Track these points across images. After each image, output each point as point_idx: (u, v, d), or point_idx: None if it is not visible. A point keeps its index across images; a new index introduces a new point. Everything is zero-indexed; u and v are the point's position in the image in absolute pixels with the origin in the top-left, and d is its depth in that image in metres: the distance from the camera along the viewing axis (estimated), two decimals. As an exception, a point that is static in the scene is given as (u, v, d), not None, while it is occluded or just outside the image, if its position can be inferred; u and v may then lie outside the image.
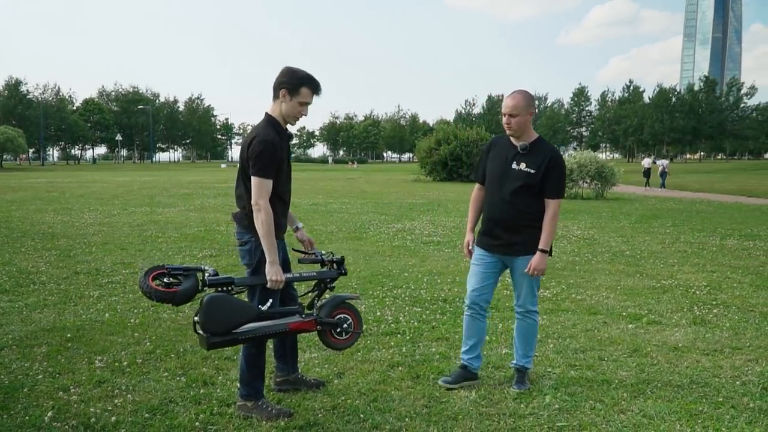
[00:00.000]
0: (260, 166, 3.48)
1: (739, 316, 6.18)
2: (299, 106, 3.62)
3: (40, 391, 4.02)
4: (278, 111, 3.64)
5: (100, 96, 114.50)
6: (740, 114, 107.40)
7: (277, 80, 3.61)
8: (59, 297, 6.56)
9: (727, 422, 3.69)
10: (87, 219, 14.04)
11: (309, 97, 3.64)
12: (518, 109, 4.00)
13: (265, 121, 3.64)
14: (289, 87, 3.57)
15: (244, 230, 3.69)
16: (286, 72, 3.61)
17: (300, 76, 3.59)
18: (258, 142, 3.50)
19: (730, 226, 14.06)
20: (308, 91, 3.61)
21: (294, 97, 3.59)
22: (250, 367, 3.69)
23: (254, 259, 3.65)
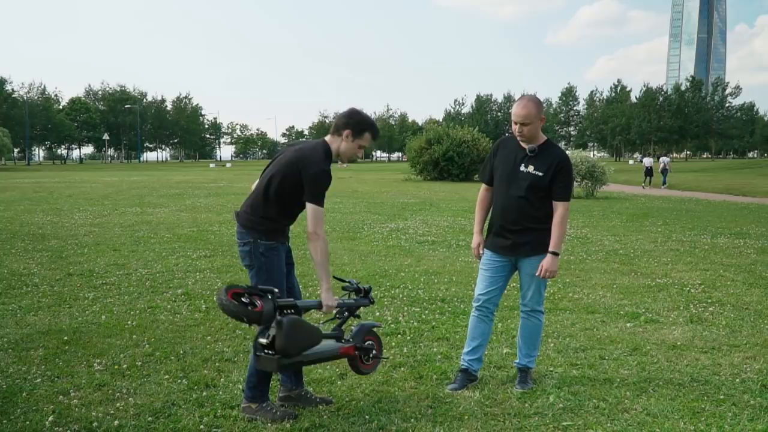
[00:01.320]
0: (317, 195, 3.59)
1: (735, 314, 6.23)
2: (358, 148, 3.77)
3: (40, 395, 3.97)
4: (336, 146, 3.75)
5: (87, 95, 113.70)
6: (725, 113, 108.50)
7: (343, 119, 3.74)
8: (53, 299, 6.50)
9: (730, 419, 3.71)
10: (77, 219, 13.93)
11: (369, 142, 3.81)
12: (530, 117, 4.01)
13: (323, 149, 3.71)
14: (354, 129, 3.71)
15: (246, 232, 3.70)
16: (353, 114, 3.77)
17: (367, 122, 3.77)
18: (319, 172, 3.59)
19: (720, 225, 14.17)
20: (370, 136, 3.77)
21: (356, 139, 3.73)
22: (259, 371, 3.67)
23: (254, 260, 3.68)
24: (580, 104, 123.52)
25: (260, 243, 3.67)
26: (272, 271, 3.69)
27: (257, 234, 3.67)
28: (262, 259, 3.68)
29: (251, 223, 3.68)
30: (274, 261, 3.71)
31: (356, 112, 3.79)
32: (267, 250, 3.68)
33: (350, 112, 3.78)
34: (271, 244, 3.69)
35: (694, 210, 18.24)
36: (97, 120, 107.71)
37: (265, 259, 3.68)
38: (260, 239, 3.66)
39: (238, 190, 25.73)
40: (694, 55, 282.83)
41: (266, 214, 3.68)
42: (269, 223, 3.68)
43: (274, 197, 3.66)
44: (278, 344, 3.40)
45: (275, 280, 3.67)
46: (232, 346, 5.01)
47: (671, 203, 20.83)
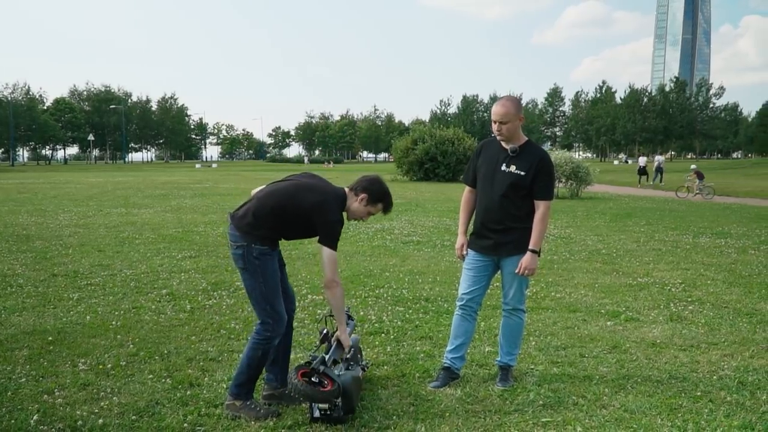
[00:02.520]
0: (333, 240, 3.71)
1: (714, 312, 6.33)
2: (367, 213, 3.93)
3: (24, 395, 3.98)
4: (350, 202, 3.88)
5: (72, 95, 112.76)
6: (709, 114, 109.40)
7: (363, 183, 3.89)
8: (38, 300, 6.49)
9: (706, 416, 3.79)
10: (62, 220, 13.86)
11: (379, 212, 3.97)
12: (508, 116, 4.07)
13: (341, 199, 3.85)
14: (372, 197, 3.88)
15: (240, 235, 3.74)
16: (375, 183, 3.92)
17: (384, 194, 3.93)
18: (339, 221, 3.75)
19: (702, 225, 14.34)
20: (382, 207, 3.95)
21: (369, 205, 3.89)
22: (251, 369, 3.74)
23: (248, 263, 3.72)
24: (565, 105, 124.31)
25: (254, 247, 3.70)
26: (267, 274, 3.74)
27: (251, 238, 3.71)
28: (256, 263, 3.72)
29: (247, 228, 3.72)
30: (269, 264, 3.76)
31: (378, 182, 3.92)
32: (261, 254, 3.72)
33: (373, 179, 3.92)
34: (264, 249, 3.73)
35: (677, 210, 18.44)
36: (82, 120, 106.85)
37: (259, 262, 3.72)
38: (254, 244, 3.70)
39: (224, 190, 25.69)
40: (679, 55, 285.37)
41: (266, 225, 3.73)
42: (265, 231, 3.73)
43: (281, 219, 3.74)
44: (347, 408, 3.58)
45: (270, 284, 3.73)
46: (217, 345, 5.04)
47: (655, 203, 21.03)
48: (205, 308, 6.22)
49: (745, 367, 4.69)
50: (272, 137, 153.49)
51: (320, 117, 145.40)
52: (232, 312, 6.08)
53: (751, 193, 26.43)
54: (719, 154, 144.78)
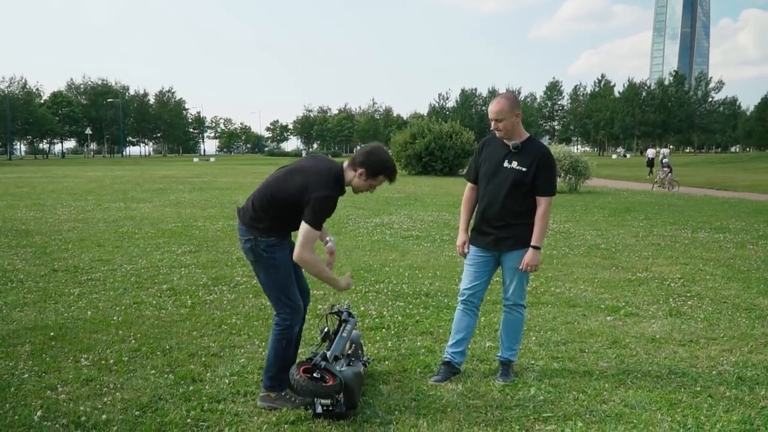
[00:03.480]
0: (315, 217, 3.59)
1: (713, 307, 6.36)
2: (370, 186, 3.80)
3: (28, 390, 4.00)
4: (349, 178, 3.77)
5: (69, 89, 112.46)
6: (708, 108, 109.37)
7: (362, 156, 3.74)
8: (39, 295, 6.50)
9: (706, 411, 3.82)
10: (61, 215, 13.85)
11: (381, 183, 3.82)
12: (503, 113, 4.09)
13: (336, 174, 3.72)
14: (370, 170, 3.73)
15: (246, 229, 3.76)
16: (372, 154, 3.75)
17: (384, 166, 3.76)
18: (324, 196, 3.59)
19: (701, 219, 14.37)
20: (384, 178, 3.80)
21: (369, 179, 3.76)
22: (278, 359, 3.78)
23: (257, 256, 3.75)
24: (564, 99, 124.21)
25: (260, 240, 3.71)
26: (278, 266, 3.75)
27: (257, 232, 3.72)
28: (265, 255, 3.73)
29: (251, 221, 3.74)
30: (278, 255, 3.75)
31: (375, 153, 3.75)
32: (268, 246, 3.72)
33: (370, 150, 3.77)
34: (271, 241, 3.73)
35: (676, 204, 18.46)
36: (79, 114, 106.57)
37: (268, 254, 3.73)
38: (260, 237, 3.71)
39: (222, 184, 25.66)
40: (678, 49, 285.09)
41: (268, 216, 3.72)
42: (268, 223, 3.73)
43: (275, 208, 3.70)
44: (349, 403, 3.59)
45: (282, 273, 3.75)
46: (218, 341, 5.06)
47: (653, 198, 21.05)
48: (205, 303, 6.23)
49: (744, 362, 4.72)
50: (270, 131, 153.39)
51: (318, 111, 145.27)
52: (233, 307, 6.10)
53: (750, 188, 26.46)
54: (717, 148, 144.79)
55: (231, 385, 4.12)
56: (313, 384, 3.47)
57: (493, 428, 3.54)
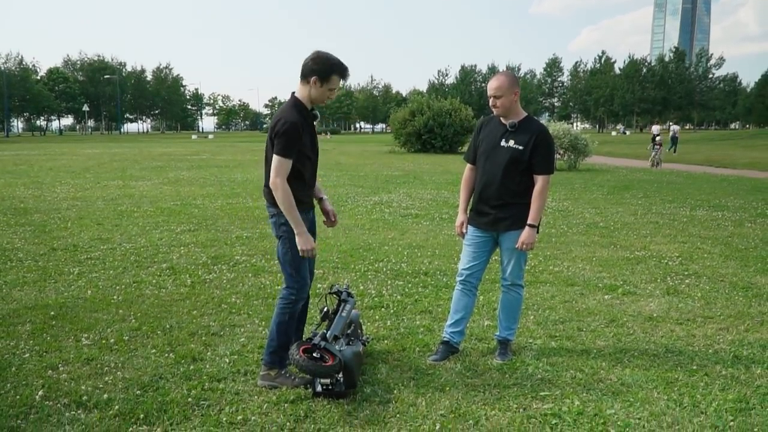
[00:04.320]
0: (281, 146, 3.60)
1: (710, 286, 6.39)
2: (328, 91, 3.72)
3: (29, 370, 4.02)
4: (306, 94, 3.72)
5: (65, 65, 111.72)
6: (708, 85, 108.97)
7: (308, 66, 3.67)
8: (38, 274, 6.51)
9: (702, 389, 3.85)
10: (59, 193, 13.84)
11: (338, 83, 3.73)
12: (502, 90, 4.09)
13: (291, 104, 3.72)
14: (321, 74, 3.65)
15: (270, 205, 3.82)
16: (318, 59, 3.67)
17: (331, 64, 3.67)
18: (282, 123, 3.60)
19: (699, 197, 14.37)
20: (338, 78, 3.71)
21: (324, 84, 3.69)
22: (280, 334, 3.82)
23: (279, 230, 3.80)
24: (564, 75, 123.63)
25: (281, 215, 3.74)
26: (293, 240, 3.74)
27: (276, 208, 3.75)
28: (284, 229, 3.76)
29: (269, 196, 3.78)
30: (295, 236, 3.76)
31: (320, 57, 3.68)
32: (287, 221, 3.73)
33: (314, 56, 3.68)
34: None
35: (675, 182, 18.45)
36: (76, 90, 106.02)
37: (287, 228, 3.74)
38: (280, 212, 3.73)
39: (221, 162, 25.61)
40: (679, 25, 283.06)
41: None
42: None
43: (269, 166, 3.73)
44: (348, 382, 3.62)
45: (295, 256, 3.76)
46: (218, 320, 5.08)
47: (652, 175, 21.04)
48: (205, 282, 6.25)
49: (740, 340, 4.75)
50: (269, 108, 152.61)
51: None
52: (233, 286, 6.12)
53: (749, 165, 26.43)
54: (717, 125, 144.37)
55: (231, 364, 4.15)
56: (313, 363, 3.49)
57: (491, 406, 3.57)
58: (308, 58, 3.70)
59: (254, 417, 3.42)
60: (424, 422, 3.38)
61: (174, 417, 3.40)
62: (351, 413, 3.48)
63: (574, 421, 3.41)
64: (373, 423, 3.37)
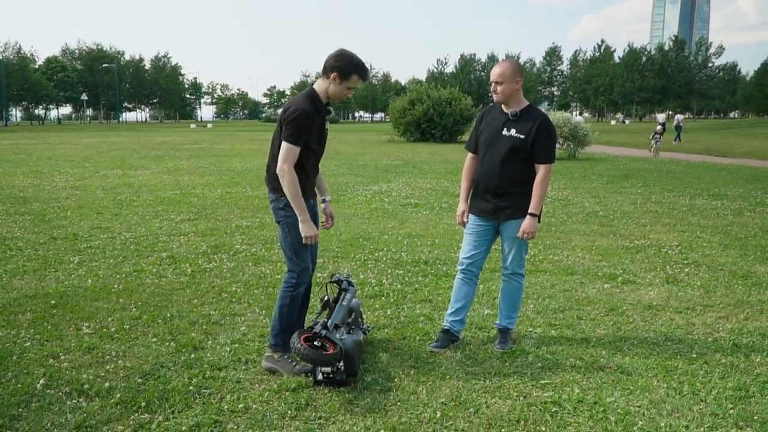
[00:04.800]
0: (290, 133, 3.66)
1: (710, 274, 6.40)
2: (347, 89, 3.78)
3: (30, 359, 4.03)
4: (323, 89, 3.78)
5: (64, 54, 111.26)
6: (708, 73, 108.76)
7: (330, 62, 3.73)
8: (38, 263, 6.51)
9: (701, 377, 3.87)
10: (58, 182, 13.82)
11: (357, 83, 3.79)
12: (504, 76, 4.06)
13: (306, 94, 3.78)
14: (341, 72, 3.71)
15: (271, 191, 3.88)
16: (341, 57, 3.73)
17: (354, 64, 3.73)
18: (293, 111, 3.66)
19: (699, 186, 14.37)
20: (357, 77, 3.76)
21: (344, 81, 3.74)
22: (282, 317, 3.87)
23: (278, 215, 3.88)
24: (563, 64, 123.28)
25: (281, 199, 3.80)
26: (293, 225, 3.80)
27: (278, 192, 3.80)
28: (282, 213, 3.83)
29: (275, 184, 3.81)
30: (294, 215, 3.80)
31: (343, 55, 3.75)
32: (287, 205, 3.79)
33: (338, 53, 3.76)
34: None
35: (674, 171, 18.44)
36: (75, 79, 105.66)
37: (285, 213, 3.81)
38: (282, 196, 3.79)
39: (219, 151, 25.57)
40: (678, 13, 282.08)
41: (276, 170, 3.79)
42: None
43: (276, 152, 3.77)
44: (349, 371, 3.64)
45: (295, 234, 3.80)
46: (219, 309, 5.09)
47: (652, 164, 21.02)
48: (205, 271, 6.26)
49: (739, 329, 4.77)
50: (267, 97, 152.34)
51: (316, 76, 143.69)
52: (233, 275, 6.12)
53: (748, 154, 26.39)
54: (716, 113, 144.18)
55: (232, 352, 4.16)
56: (314, 352, 3.50)
57: (491, 395, 3.58)
58: (332, 54, 3.77)
59: (255, 405, 3.43)
60: (424, 410, 3.39)
61: (175, 405, 3.41)
62: (352, 401, 3.49)
63: (574, 409, 3.42)
64: (374, 411, 3.38)
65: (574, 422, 3.29)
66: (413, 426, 3.23)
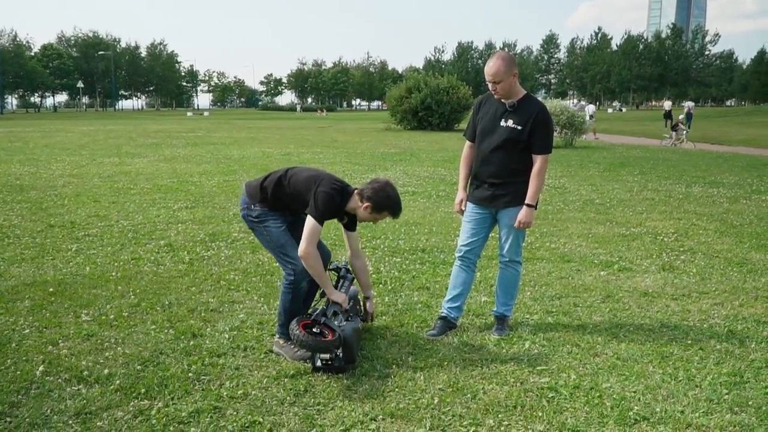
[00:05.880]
0: (317, 210, 3.70)
1: (705, 261, 6.43)
2: (374, 219, 3.91)
3: (29, 346, 4.05)
4: (354, 205, 3.85)
5: (59, 41, 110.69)
6: (704, 61, 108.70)
7: (370, 191, 3.80)
8: (36, 251, 6.52)
9: (696, 363, 3.90)
10: (55, 170, 13.79)
11: (384, 218, 3.92)
12: (500, 75, 4.04)
13: (343, 186, 3.86)
14: (374, 206, 3.80)
15: (245, 198, 4.01)
16: (380, 192, 3.80)
17: (389, 204, 3.83)
18: (327, 193, 3.72)
19: (695, 174, 14.40)
20: (388, 214, 3.88)
21: (373, 213, 3.83)
22: (285, 311, 3.93)
23: (250, 222, 4.00)
24: (561, 52, 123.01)
25: (252, 208, 3.91)
26: (269, 228, 3.89)
27: (252, 200, 3.92)
28: (256, 221, 3.92)
29: (252, 190, 3.94)
30: (268, 219, 3.90)
31: (384, 191, 3.81)
32: (259, 214, 3.90)
33: (379, 188, 3.81)
34: (263, 209, 3.91)
35: (671, 159, 18.47)
36: (71, 67, 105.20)
37: (259, 220, 3.91)
38: (253, 205, 3.90)
39: (216, 139, 25.50)
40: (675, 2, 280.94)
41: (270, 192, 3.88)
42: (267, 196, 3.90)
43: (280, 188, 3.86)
44: (348, 357, 3.66)
45: (275, 233, 3.86)
46: (217, 296, 5.11)
47: (648, 152, 21.05)
48: (203, 259, 6.27)
49: (734, 315, 4.80)
50: (264, 84, 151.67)
51: (313, 64, 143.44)
52: (231, 263, 6.14)
53: (744, 142, 26.43)
54: (713, 101, 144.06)
55: (231, 339, 4.18)
56: (313, 339, 3.53)
57: (489, 381, 3.61)
58: (376, 185, 3.83)
59: (254, 391, 3.46)
60: (422, 396, 3.42)
61: (175, 391, 3.43)
62: (350, 387, 3.52)
63: (571, 395, 3.45)
64: (372, 397, 3.41)
65: (571, 407, 3.32)
66: (411, 412, 3.26)
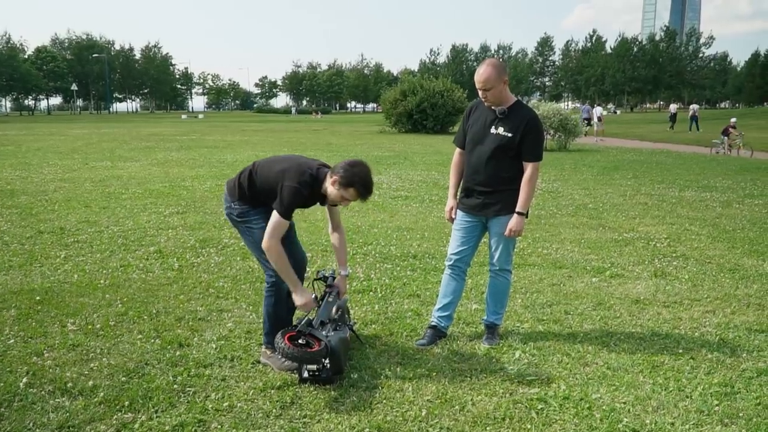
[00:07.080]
0: (282, 206, 3.62)
1: (698, 268, 6.41)
2: (341, 198, 3.73)
3: (13, 356, 3.99)
4: (326, 184, 3.73)
5: (53, 44, 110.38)
6: (698, 64, 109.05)
7: (340, 167, 3.68)
8: (24, 258, 6.45)
9: (687, 373, 3.87)
10: (47, 174, 13.71)
11: (353, 198, 3.73)
12: (490, 82, 4.01)
13: (314, 173, 3.73)
14: (341, 180, 3.65)
15: (226, 197, 3.99)
16: (349, 168, 3.68)
17: (356, 180, 3.66)
18: (292, 188, 3.60)
19: (688, 178, 14.41)
20: (355, 192, 3.70)
21: (341, 189, 3.67)
22: (269, 317, 3.93)
23: (233, 221, 4.02)
24: (555, 54, 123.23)
25: (234, 207, 3.90)
26: (252, 228, 3.85)
27: (233, 199, 3.90)
28: (239, 220, 3.91)
29: (232, 189, 3.92)
30: (252, 219, 3.86)
31: (353, 167, 3.69)
32: (241, 212, 3.88)
33: (350, 163, 3.72)
34: (244, 208, 3.88)
35: (664, 162, 18.48)
36: (65, 69, 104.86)
37: (242, 219, 3.89)
38: (233, 204, 3.89)
39: (210, 143, 25.43)
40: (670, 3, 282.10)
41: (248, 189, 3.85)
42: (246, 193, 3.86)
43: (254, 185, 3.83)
44: (335, 368, 3.62)
45: (257, 234, 3.78)
46: (205, 304, 5.06)
47: (642, 156, 21.06)
48: (193, 266, 6.22)
49: (726, 323, 4.78)
50: (259, 87, 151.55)
51: (308, 66, 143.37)
52: (221, 270, 6.09)
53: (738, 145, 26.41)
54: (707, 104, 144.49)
55: (218, 349, 4.13)
56: (298, 350, 3.49)
57: (478, 392, 3.57)
58: (346, 161, 3.74)
59: (240, 403, 3.41)
60: (410, 408, 3.38)
61: (159, 404, 3.38)
62: (337, 399, 3.48)
63: (560, 406, 3.42)
64: (360, 409, 3.36)
65: (560, 419, 3.29)
66: (399, 424, 3.22)
